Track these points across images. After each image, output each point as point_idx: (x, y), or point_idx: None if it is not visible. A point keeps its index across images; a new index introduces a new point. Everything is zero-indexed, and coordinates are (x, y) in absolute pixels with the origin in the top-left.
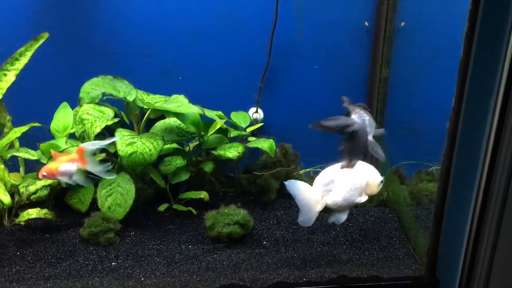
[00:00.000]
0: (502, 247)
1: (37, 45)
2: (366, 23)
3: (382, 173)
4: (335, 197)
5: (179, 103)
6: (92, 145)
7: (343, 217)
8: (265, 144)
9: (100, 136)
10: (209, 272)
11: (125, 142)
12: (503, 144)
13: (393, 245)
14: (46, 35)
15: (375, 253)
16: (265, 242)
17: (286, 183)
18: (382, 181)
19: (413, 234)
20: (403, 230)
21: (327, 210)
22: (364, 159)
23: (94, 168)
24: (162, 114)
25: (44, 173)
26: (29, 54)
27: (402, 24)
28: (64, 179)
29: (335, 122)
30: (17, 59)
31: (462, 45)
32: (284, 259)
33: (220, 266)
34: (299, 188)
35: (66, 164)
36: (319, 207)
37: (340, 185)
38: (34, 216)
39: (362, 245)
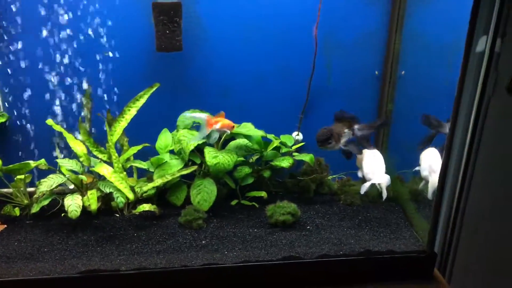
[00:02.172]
0: (466, 231)
1: (151, 91)
2: (376, 72)
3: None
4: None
5: (248, 128)
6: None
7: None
8: (307, 157)
9: (191, 152)
10: (273, 247)
11: (211, 156)
12: (470, 160)
13: (401, 229)
14: (157, 85)
15: (388, 234)
16: (308, 227)
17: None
18: None
19: (414, 221)
20: (407, 218)
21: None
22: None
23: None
24: (233, 136)
25: (218, 126)
26: (146, 96)
27: (402, 72)
28: (219, 133)
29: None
30: (137, 99)
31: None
32: (324, 238)
33: (280, 243)
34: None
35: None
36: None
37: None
38: (147, 209)
39: (378, 229)
